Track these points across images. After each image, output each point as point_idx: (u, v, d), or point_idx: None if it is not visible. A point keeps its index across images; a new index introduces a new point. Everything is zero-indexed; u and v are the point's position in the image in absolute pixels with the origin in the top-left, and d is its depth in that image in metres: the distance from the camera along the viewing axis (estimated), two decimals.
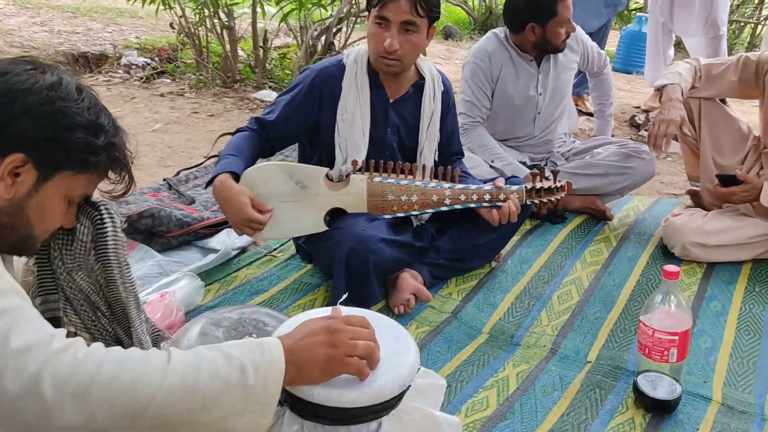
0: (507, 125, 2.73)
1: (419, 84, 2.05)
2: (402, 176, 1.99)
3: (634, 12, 6.84)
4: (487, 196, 1.98)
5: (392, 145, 2.07)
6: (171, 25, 4.48)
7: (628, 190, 2.67)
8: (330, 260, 1.93)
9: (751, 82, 2.37)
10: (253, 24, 3.93)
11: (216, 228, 2.36)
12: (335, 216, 1.97)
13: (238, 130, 2.02)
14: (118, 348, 0.98)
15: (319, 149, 2.07)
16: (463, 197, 1.98)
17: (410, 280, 1.99)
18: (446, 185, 1.99)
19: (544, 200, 2.01)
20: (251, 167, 1.92)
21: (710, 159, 2.47)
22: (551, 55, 2.65)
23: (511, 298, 2.11)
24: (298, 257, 2.29)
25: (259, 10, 4.03)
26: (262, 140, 2.00)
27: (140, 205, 2.31)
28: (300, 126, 2.01)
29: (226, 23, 3.98)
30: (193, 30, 4.13)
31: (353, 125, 1.98)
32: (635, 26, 5.92)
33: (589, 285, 2.19)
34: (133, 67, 4.35)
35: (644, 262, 2.34)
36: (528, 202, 2.00)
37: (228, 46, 4.02)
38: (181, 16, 4.25)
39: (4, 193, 1.01)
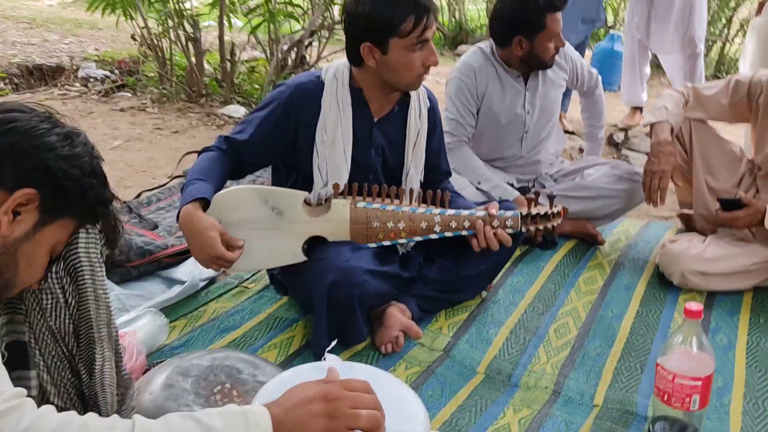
0: (493, 144, 2.58)
1: (404, 101, 1.89)
2: (388, 201, 1.83)
3: (606, 29, 6.82)
4: (480, 223, 1.82)
5: (376, 167, 1.90)
6: (132, 37, 4.25)
7: (620, 213, 2.54)
8: (309, 294, 1.75)
9: (743, 104, 2.28)
10: (220, 36, 3.73)
11: (181, 256, 2.16)
12: (314, 245, 1.79)
13: (205, 150, 1.83)
14: (72, 414, 0.82)
15: (294, 172, 1.90)
16: (454, 224, 1.82)
17: (398, 316, 1.82)
18: (436, 211, 1.83)
19: (540, 227, 1.86)
20: (221, 192, 1.74)
21: (703, 184, 2.36)
22: (539, 72, 2.52)
23: (505, 332, 1.95)
24: (273, 288, 2.10)
25: (225, 22, 3.84)
26: (232, 161, 1.81)
27: None
28: (275, 146, 1.83)
29: (192, 35, 3.77)
30: (155, 42, 3.92)
31: (334, 146, 1.81)
32: (607, 43, 5.88)
33: (586, 317, 2.05)
34: (92, 80, 4.10)
35: (642, 291, 2.21)
36: (523, 230, 1.84)
37: (193, 59, 3.82)
38: (143, 27, 4.03)
39: (4, 229, 0.93)
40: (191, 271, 2.07)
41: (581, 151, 3.79)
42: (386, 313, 1.83)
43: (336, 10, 3.69)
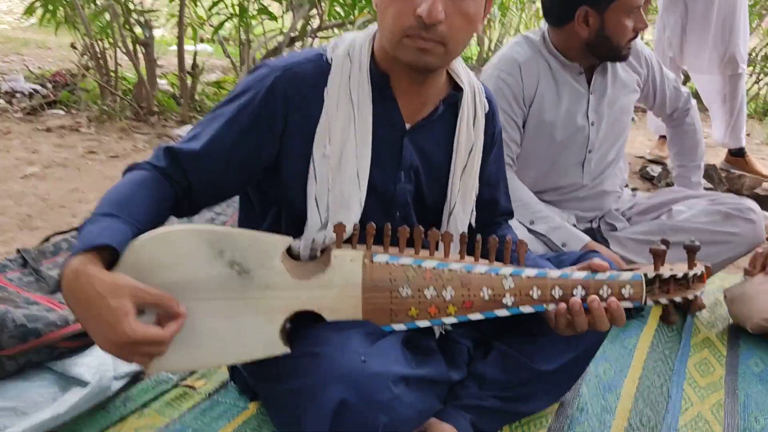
0: (544, 169, 1.87)
1: (453, 99, 1.18)
2: (425, 253, 1.10)
3: None
4: (580, 291, 1.09)
5: (406, 201, 1.18)
6: (72, 45, 3.52)
7: (727, 264, 1.83)
8: (296, 414, 0.99)
9: None
10: (180, 39, 2.99)
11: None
12: (301, 325, 1.05)
13: (130, 169, 1.09)
14: None
15: (275, 205, 1.17)
16: (537, 293, 1.09)
17: None
18: (506, 270, 1.10)
19: (677, 299, 1.13)
20: (142, 236, 0.99)
21: None
22: (608, 68, 1.82)
23: None
24: (234, 389, 1.34)
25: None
26: (175, 188, 1.07)
27: None
28: (246, 163, 1.10)
29: (143, 38, 3.04)
30: (98, 49, 3.18)
31: (341, 165, 1.09)
32: None
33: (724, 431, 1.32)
34: (17, 95, 3.34)
35: None
36: (648, 302, 1.11)
37: (144, 70, 3.08)
38: (84, 34, 3.29)
39: None
40: (101, 365, 1.30)
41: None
42: None
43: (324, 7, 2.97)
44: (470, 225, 1.24)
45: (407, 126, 1.16)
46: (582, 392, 1.41)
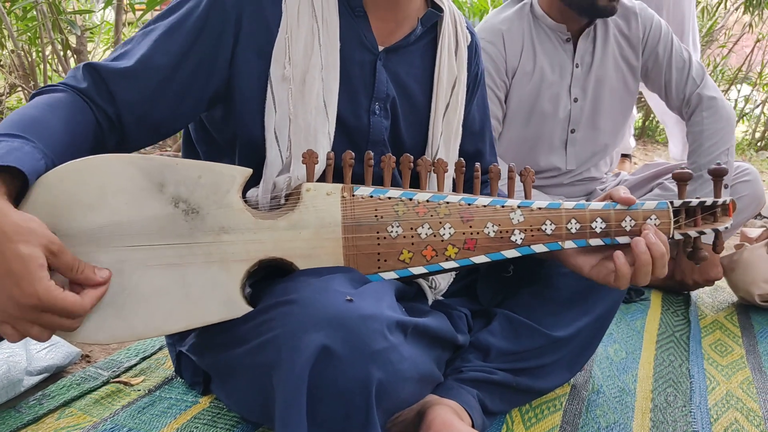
0: (524, 150, 1.70)
1: (432, 19, 1.01)
2: (414, 190, 0.91)
3: None
4: (599, 224, 0.91)
5: (382, 139, 0.99)
6: None
7: (731, 233, 1.68)
8: (263, 375, 0.75)
9: None
10: (116, 42, 2.78)
11: None
12: (266, 278, 0.86)
13: (40, 92, 0.86)
14: None
15: (226, 141, 0.96)
16: (550, 227, 0.91)
17: (459, 427, 0.84)
18: (512, 202, 0.91)
19: (705, 231, 0.95)
20: (62, 166, 0.76)
21: None
22: (596, 33, 1.64)
23: None
24: (180, 383, 1.09)
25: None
26: (98, 118, 0.85)
27: None
28: (190, 86, 0.90)
29: (74, 46, 2.80)
30: (27, 60, 2.92)
31: (305, 90, 0.91)
32: None
33: (762, 411, 1.13)
34: None
35: None
36: (677, 236, 0.93)
37: None
38: (12, 51, 3.03)
39: None
40: (11, 356, 1.04)
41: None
42: (430, 421, 0.85)
43: None
44: (453, 179, 1.04)
45: (380, 48, 0.98)
46: (594, 374, 1.20)
